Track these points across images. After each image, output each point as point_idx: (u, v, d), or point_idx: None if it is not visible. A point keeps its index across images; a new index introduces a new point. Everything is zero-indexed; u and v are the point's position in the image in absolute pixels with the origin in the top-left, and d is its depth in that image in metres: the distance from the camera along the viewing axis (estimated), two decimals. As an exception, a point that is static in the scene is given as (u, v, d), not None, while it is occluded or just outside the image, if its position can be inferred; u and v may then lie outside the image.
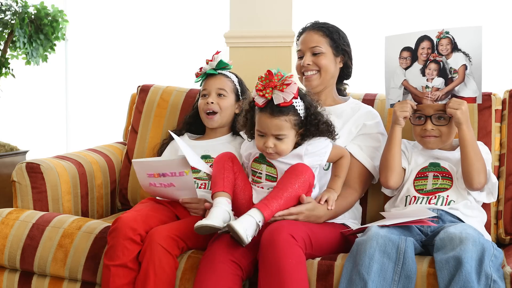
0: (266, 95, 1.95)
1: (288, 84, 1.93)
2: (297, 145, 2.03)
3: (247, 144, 2.12)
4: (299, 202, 1.97)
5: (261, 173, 2.04)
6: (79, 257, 2.11)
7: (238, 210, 1.99)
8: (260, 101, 1.97)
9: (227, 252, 1.87)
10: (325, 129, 2.02)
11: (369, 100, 2.46)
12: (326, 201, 2.02)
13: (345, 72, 2.37)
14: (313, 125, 2.00)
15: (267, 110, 1.96)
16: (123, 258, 1.94)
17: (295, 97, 1.95)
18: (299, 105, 1.98)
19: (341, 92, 2.42)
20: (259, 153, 2.06)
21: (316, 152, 2.04)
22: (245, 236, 1.82)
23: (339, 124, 2.20)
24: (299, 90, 1.98)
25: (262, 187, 2.03)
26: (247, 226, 1.83)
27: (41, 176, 2.38)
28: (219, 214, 1.89)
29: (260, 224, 1.87)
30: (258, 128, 2.00)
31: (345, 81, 2.43)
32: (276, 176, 2.02)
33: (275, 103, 1.94)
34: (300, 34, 2.35)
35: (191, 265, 1.98)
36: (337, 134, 2.09)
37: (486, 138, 2.28)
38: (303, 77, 2.29)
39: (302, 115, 1.99)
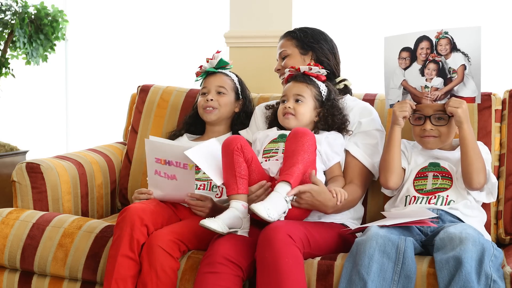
0: (298, 67, 2.20)
1: (318, 69, 2.19)
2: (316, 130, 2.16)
3: (265, 131, 2.23)
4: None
5: (277, 149, 2.10)
6: (79, 257, 2.11)
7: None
8: (293, 71, 2.21)
9: (227, 253, 1.87)
10: (339, 120, 2.15)
11: (369, 100, 2.46)
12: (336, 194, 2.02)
13: (326, 69, 2.35)
14: (330, 114, 2.14)
15: (293, 78, 2.19)
16: (130, 248, 1.94)
17: (321, 79, 2.18)
18: (323, 88, 2.19)
19: (342, 90, 2.41)
20: (277, 135, 2.14)
21: (333, 145, 2.11)
22: (267, 215, 1.82)
23: None
24: (327, 80, 2.21)
25: (277, 159, 2.05)
26: (269, 205, 1.84)
27: (41, 176, 2.38)
28: (228, 219, 1.89)
29: (288, 198, 1.87)
30: (282, 95, 2.19)
31: (340, 78, 2.41)
32: None
33: (302, 70, 2.18)
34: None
35: (191, 266, 1.98)
36: (351, 131, 2.20)
37: (486, 138, 2.28)
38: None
39: (323, 95, 2.17)
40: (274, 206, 1.85)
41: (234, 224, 1.90)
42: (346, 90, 2.41)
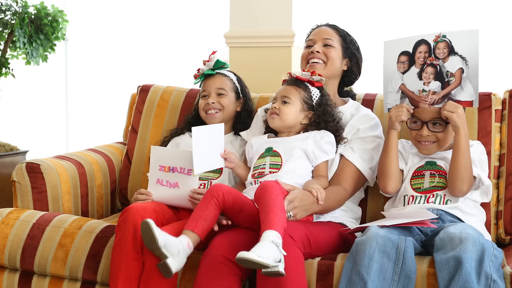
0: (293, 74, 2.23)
1: (312, 74, 2.19)
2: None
3: (257, 137, 2.25)
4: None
5: (264, 165, 2.11)
6: (79, 256, 2.11)
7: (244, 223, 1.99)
8: (287, 76, 2.24)
9: (227, 252, 1.87)
10: (333, 127, 2.15)
11: (369, 100, 2.46)
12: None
13: (348, 77, 2.38)
14: (323, 120, 2.15)
15: (287, 82, 2.22)
16: (134, 248, 1.94)
17: (313, 84, 2.19)
18: (315, 92, 2.19)
19: (346, 92, 2.43)
20: (264, 148, 2.16)
21: (320, 143, 2.11)
22: (257, 256, 1.67)
23: None
24: (322, 86, 2.21)
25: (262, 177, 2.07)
26: (255, 249, 1.70)
27: (41, 176, 2.38)
28: (169, 241, 1.82)
29: (278, 242, 1.74)
30: (274, 97, 2.24)
31: (347, 88, 2.45)
32: (280, 163, 2.09)
33: (293, 75, 2.21)
34: (313, 29, 2.40)
35: (191, 265, 1.98)
36: (346, 139, 2.19)
37: (486, 138, 2.28)
38: (308, 65, 2.31)
39: (314, 99, 2.18)
40: (263, 250, 1.71)
41: (172, 249, 1.81)
42: (349, 94, 2.43)
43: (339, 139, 2.18)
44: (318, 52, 2.30)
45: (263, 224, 1.79)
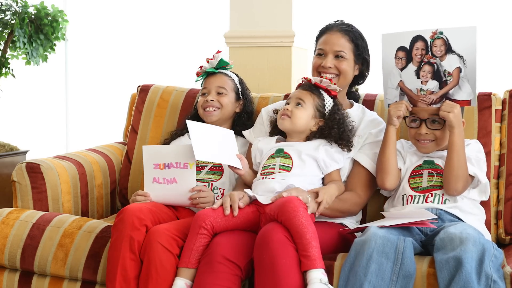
0: (310, 79, 2.20)
1: (330, 83, 2.17)
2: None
3: (265, 139, 2.23)
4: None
5: (274, 165, 2.11)
6: (79, 256, 2.11)
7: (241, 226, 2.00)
8: (304, 81, 2.22)
9: (226, 252, 1.87)
10: (336, 134, 2.12)
11: (369, 100, 2.46)
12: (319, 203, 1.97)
13: (357, 79, 2.37)
14: (328, 127, 2.12)
15: (303, 86, 2.20)
16: (130, 249, 1.94)
17: (329, 94, 2.17)
18: (329, 101, 2.17)
19: (353, 94, 2.43)
20: (275, 149, 2.15)
21: (331, 153, 2.11)
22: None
23: None
24: (337, 97, 2.19)
25: (274, 178, 2.07)
26: None
27: (41, 176, 2.38)
28: None
29: (325, 279, 1.79)
30: (287, 99, 2.21)
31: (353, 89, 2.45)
32: (290, 166, 2.08)
33: (312, 82, 2.18)
34: (323, 32, 2.33)
35: (191, 265, 1.98)
36: (353, 146, 2.16)
37: (486, 138, 2.28)
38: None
39: (327, 109, 2.16)
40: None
41: None
42: (355, 96, 2.42)
43: (342, 146, 2.14)
44: (330, 67, 2.25)
45: (303, 259, 1.80)
